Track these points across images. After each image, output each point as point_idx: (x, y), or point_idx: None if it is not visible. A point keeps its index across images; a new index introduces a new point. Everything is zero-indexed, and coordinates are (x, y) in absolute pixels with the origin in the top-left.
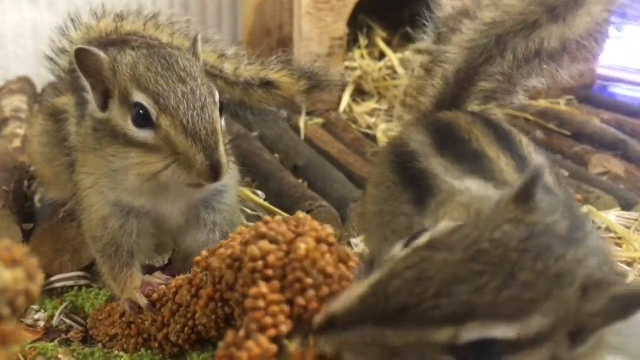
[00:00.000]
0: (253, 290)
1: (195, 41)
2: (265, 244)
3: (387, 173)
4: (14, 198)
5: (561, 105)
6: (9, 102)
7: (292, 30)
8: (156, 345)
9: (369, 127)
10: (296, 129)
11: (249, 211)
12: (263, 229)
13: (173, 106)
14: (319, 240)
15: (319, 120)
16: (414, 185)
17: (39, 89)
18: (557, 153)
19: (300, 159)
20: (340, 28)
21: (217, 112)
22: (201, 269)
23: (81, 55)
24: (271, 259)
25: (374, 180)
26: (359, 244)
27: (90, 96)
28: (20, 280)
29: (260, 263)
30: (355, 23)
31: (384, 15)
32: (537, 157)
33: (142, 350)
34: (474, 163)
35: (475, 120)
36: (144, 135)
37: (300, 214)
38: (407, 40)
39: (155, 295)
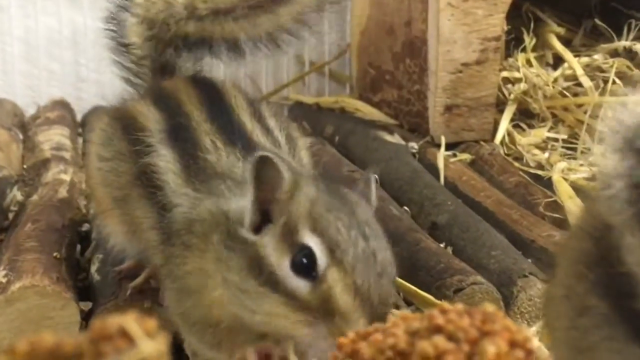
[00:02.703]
0: None
1: (367, 182)
2: (441, 341)
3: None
4: (67, 268)
5: None
6: (47, 137)
7: (425, 28)
8: None
9: (539, 165)
10: (432, 169)
11: None
12: (439, 320)
13: (349, 262)
14: (512, 344)
15: (466, 157)
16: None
17: (78, 117)
18: None
19: (440, 214)
20: (497, 24)
21: (393, 289)
22: (344, 355)
23: (261, 164)
24: None
25: (568, 272)
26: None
27: (247, 206)
28: (159, 354)
29: None
30: (518, 15)
31: (560, 3)
32: None
33: None
34: None
35: None
36: (298, 284)
37: (489, 307)
38: (596, 37)
39: None
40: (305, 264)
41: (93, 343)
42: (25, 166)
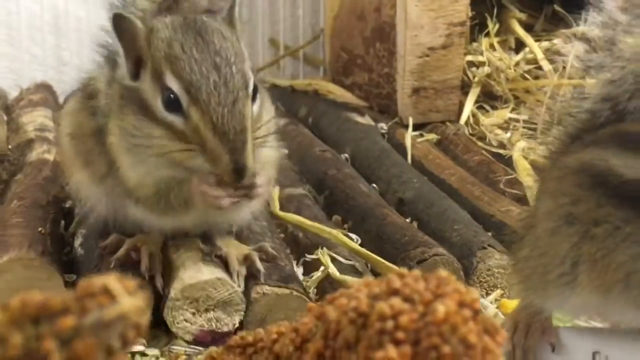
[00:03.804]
0: (379, 354)
1: (232, 5)
2: (397, 302)
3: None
4: (51, 242)
5: None
6: (31, 119)
7: (394, 14)
8: None
9: (501, 145)
10: (400, 149)
11: (341, 260)
12: (396, 284)
13: (204, 100)
14: (461, 305)
15: (432, 136)
16: None
17: (60, 99)
18: None
19: (407, 190)
20: (462, 9)
21: (248, 106)
22: (312, 317)
23: (117, 20)
24: (404, 319)
25: (560, 212)
26: (488, 306)
27: (121, 60)
28: (139, 310)
29: (390, 323)
30: (482, 2)
31: None
32: None
33: None
34: None
35: None
36: (173, 119)
37: (443, 273)
38: (556, 22)
39: (249, 338)
40: (173, 103)
41: (78, 300)
42: (10, 146)
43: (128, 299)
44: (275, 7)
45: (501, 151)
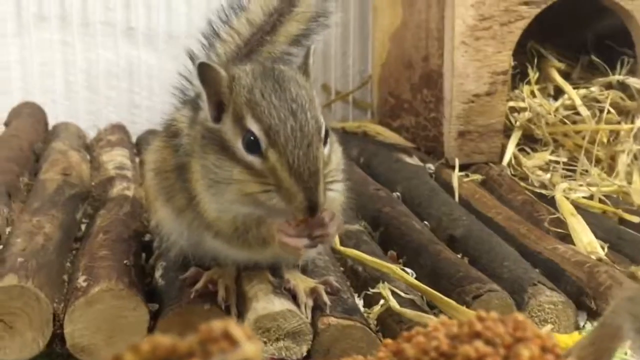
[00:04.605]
0: None
1: (307, 56)
2: (481, 345)
3: None
4: (135, 273)
5: None
6: (110, 157)
7: (441, 63)
8: None
9: (543, 185)
10: (448, 188)
11: (400, 293)
12: (478, 326)
13: (282, 143)
14: (544, 349)
15: (477, 177)
16: None
17: (133, 139)
18: None
19: (457, 228)
20: (504, 60)
21: (321, 150)
22: (388, 352)
23: (202, 68)
24: None
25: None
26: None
27: (204, 104)
28: (258, 355)
29: None
30: (523, 52)
31: (560, 41)
32: None
33: None
34: None
35: None
36: (252, 159)
37: (519, 316)
38: (592, 71)
39: None
40: (252, 144)
41: (202, 344)
42: (93, 183)
43: (249, 344)
44: (328, 55)
45: (543, 191)
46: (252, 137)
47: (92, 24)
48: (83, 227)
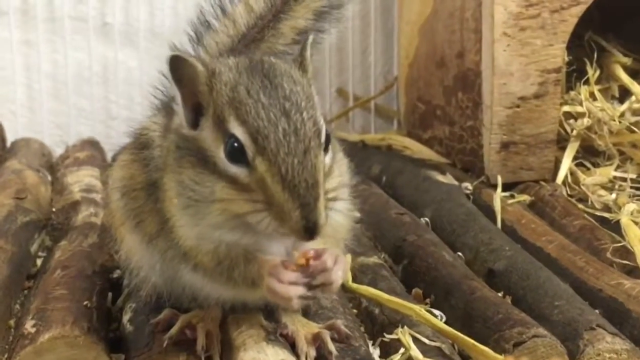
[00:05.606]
0: None
1: (303, 47)
2: None
3: None
4: (98, 317)
5: None
6: (77, 178)
7: (479, 60)
8: None
9: (606, 207)
10: (488, 212)
11: (425, 340)
12: None
13: (272, 149)
14: None
15: (524, 198)
16: None
17: (108, 156)
18: None
19: (497, 260)
20: (557, 54)
21: (321, 157)
22: None
23: (175, 62)
24: None
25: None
26: None
27: (178, 107)
28: None
29: None
30: (580, 45)
31: (626, 31)
32: None
33: None
34: None
35: None
36: (237, 171)
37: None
38: None
39: None
40: (236, 152)
41: None
42: (54, 209)
43: None
44: (344, 53)
45: (606, 215)
46: (235, 144)
47: (60, 19)
48: (39, 261)
